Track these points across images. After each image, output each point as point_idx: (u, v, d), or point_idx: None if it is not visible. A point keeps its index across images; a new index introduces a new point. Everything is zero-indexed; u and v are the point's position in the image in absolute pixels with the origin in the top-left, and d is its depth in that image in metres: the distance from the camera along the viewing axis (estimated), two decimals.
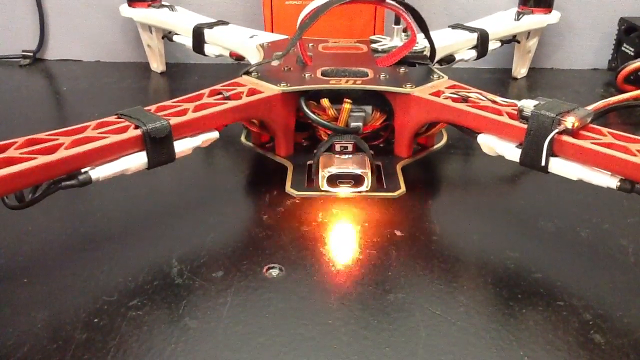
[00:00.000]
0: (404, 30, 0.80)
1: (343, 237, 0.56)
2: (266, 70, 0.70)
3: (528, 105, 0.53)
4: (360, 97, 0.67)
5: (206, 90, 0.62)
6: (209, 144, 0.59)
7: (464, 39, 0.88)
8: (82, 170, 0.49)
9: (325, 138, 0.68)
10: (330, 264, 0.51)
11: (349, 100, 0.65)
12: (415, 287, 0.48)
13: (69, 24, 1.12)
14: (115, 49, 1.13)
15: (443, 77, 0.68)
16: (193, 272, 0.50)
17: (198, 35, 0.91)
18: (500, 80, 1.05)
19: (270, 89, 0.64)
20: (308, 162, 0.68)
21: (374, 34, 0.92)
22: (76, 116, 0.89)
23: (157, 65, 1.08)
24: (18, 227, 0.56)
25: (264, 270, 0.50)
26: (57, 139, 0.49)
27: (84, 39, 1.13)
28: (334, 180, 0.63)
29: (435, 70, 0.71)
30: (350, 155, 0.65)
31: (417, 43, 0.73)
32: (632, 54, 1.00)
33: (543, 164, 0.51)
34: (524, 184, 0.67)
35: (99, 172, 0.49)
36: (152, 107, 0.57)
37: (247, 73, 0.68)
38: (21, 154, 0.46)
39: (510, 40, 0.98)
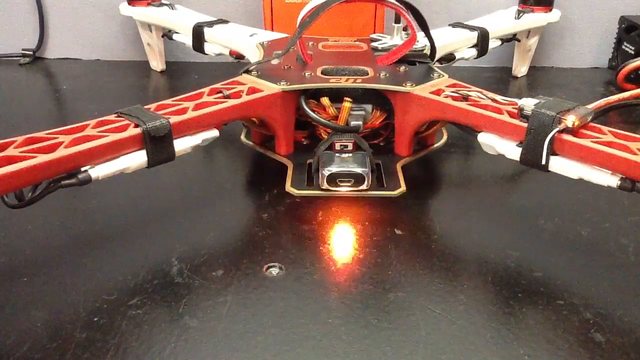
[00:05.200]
0: (404, 29, 0.79)
1: (343, 236, 0.55)
2: (266, 69, 0.70)
3: (528, 103, 0.53)
4: (360, 96, 0.67)
5: (206, 89, 0.62)
6: (208, 142, 0.59)
7: (464, 38, 0.88)
8: (82, 169, 0.49)
9: (326, 137, 0.68)
10: (330, 262, 0.51)
11: (349, 99, 0.65)
12: (416, 286, 0.48)
13: (69, 23, 1.12)
14: (115, 47, 1.13)
15: (443, 75, 0.68)
16: (193, 271, 0.50)
17: (198, 34, 0.91)
18: (500, 79, 1.05)
19: (270, 88, 0.64)
20: (308, 161, 0.68)
21: (374, 33, 0.92)
22: (76, 115, 0.89)
23: (156, 63, 1.07)
24: (18, 226, 0.56)
25: (264, 269, 0.50)
26: (56, 138, 0.49)
27: (83, 37, 1.13)
28: (334, 179, 0.63)
29: (436, 69, 0.71)
30: (351, 154, 0.65)
31: (417, 42, 0.73)
32: (633, 52, 1.00)
33: (543, 162, 0.51)
34: (524, 183, 0.67)
35: (98, 171, 0.49)
36: (152, 106, 0.57)
37: (247, 72, 0.68)
38: (21, 152, 0.46)
39: (511, 39, 0.98)
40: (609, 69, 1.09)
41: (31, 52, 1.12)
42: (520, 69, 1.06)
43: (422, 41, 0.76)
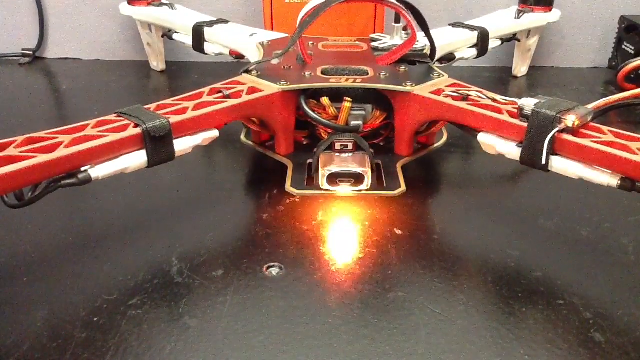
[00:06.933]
0: (404, 29, 0.79)
1: (343, 236, 0.55)
2: (266, 69, 0.70)
3: (528, 103, 0.53)
4: (360, 96, 0.67)
5: (206, 89, 0.62)
6: (208, 142, 0.59)
7: (464, 38, 0.88)
8: (82, 169, 0.49)
9: (326, 137, 0.68)
10: (330, 262, 0.51)
11: (349, 99, 0.65)
12: (416, 286, 0.48)
13: (69, 23, 1.12)
14: (115, 47, 1.13)
15: (443, 75, 0.68)
16: (193, 271, 0.50)
17: (198, 34, 0.91)
18: (500, 79, 1.05)
19: (270, 88, 0.64)
20: (308, 161, 0.68)
21: (374, 33, 0.92)
22: (76, 115, 0.89)
23: (156, 63, 1.07)
24: (18, 226, 0.56)
25: (264, 269, 0.50)
26: (56, 138, 0.49)
27: (83, 37, 1.13)
28: (334, 178, 0.63)
29: (436, 68, 0.71)
30: (351, 154, 0.65)
31: (417, 41, 0.73)
32: (633, 52, 1.00)
33: (543, 162, 0.51)
34: (524, 183, 0.67)
35: (98, 171, 0.49)
36: (152, 106, 0.57)
37: (247, 71, 0.68)
38: (21, 152, 0.46)
39: (511, 39, 0.98)
40: (609, 68, 1.09)
41: (31, 52, 1.12)
42: (520, 69, 1.06)
43: (422, 41, 0.76)
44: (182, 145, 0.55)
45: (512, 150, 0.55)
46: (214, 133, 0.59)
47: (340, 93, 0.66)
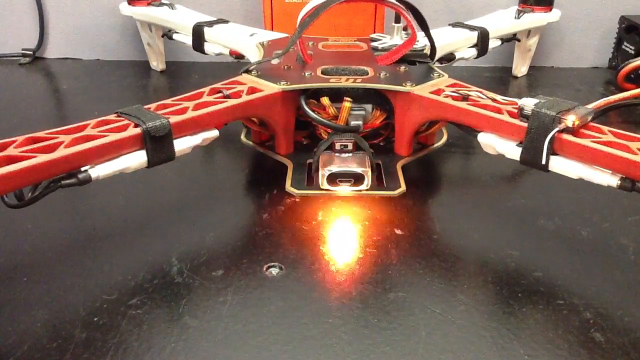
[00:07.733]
0: (404, 29, 0.79)
1: (343, 236, 0.55)
2: (266, 69, 0.70)
3: (528, 103, 0.53)
4: (360, 96, 0.67)
5: (206, 89, 0.62)
6: (208, 142, 0.59)
7: (464, 38, 0.88)
8: (82, 169, 0.49)
9: (326, 137, 0.68)
10: (330, 262, 0.51)
11: (349, 99, 0.65)
12: (416, 286, 0.48)
13: (69, 22, 1.12)
14: (115, 47, 1.13)
15: (443, 75, 0.68)
16: (193, 271, 0.50)
17: (198, 34, 0.91)
18: (500, 79, 1.05)
19: (270, 88, 0.64)
20: (308, 161, 0.68)
21: (374, 32, 0.92)
22: (76, 115, 0.89)
23: (156, 63, 1.07)
24: (18, 226, 0.56)
25: (264, 269, 0.50)
26: (56, 138, 0.49)
27: (83, 37, 1.13)
28: (334, 178, 0.63)
29: (436, 68, 0.71)
30: (351, 154, 0.65)
31: (418, 41, 0.73)
32: (633, 52, 1.00)
33: (543, 162, 0.51)
34: (524, 183, 0.67)
35: (98, 171, 0.49)
36: (152, 106, 0.57)
37: (247, 71, 0.68)
38: (21, 152, 0.46)
39: (511, 39, 0.98)
40: (609, 68, 1.09)
41: (31, 52, 1.12)
42: (520, 68, 1.06)
43: (422, 41, 0.76)
44: (182, 145, 0.55)
45: (512, 150, 0.55)
46: (214, 133, 0.59)
47: (340, 93, 0.66)
